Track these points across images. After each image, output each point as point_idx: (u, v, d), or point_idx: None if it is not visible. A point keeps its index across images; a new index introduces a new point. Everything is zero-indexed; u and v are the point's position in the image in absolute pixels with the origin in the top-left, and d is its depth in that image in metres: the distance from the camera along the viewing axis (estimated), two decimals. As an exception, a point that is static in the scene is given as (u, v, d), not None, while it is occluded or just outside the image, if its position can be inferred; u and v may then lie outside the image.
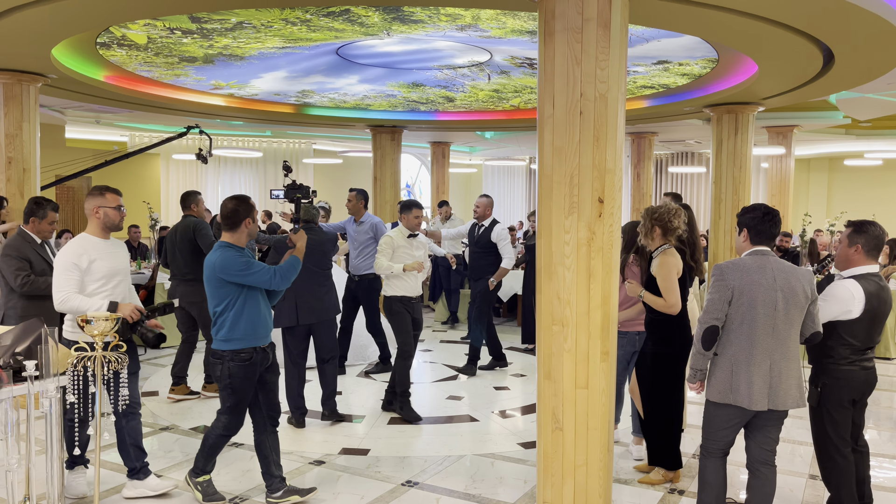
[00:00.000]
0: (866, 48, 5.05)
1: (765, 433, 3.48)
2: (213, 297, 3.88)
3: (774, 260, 3.38)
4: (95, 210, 3.89)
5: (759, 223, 3.42)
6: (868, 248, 3.58)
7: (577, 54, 3.39)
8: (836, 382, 3.61)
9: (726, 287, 3.33)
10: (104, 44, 5.86)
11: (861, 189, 16.68)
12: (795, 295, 3.32)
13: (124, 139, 13.00)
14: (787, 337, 3.34)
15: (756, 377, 3.31)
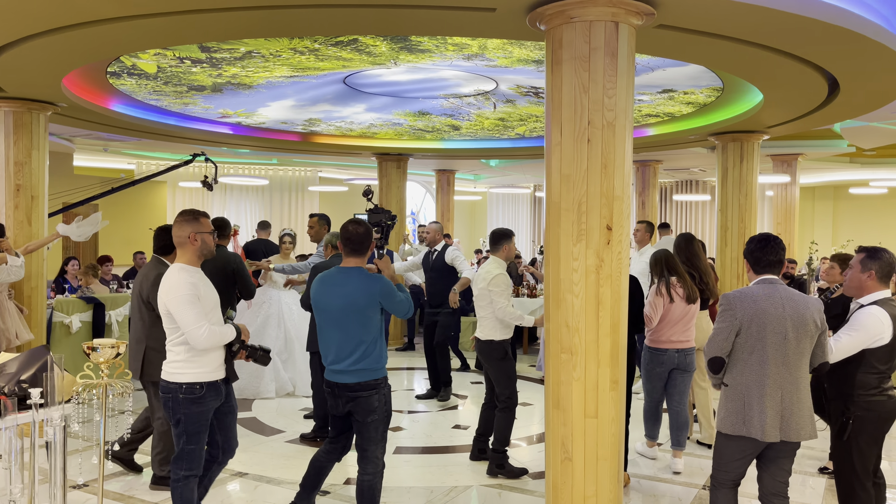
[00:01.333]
0: (871, 77, 5.07)
1: (778, 465, 3.41)
2: (366, 326, 3.59)
3: (783, 289, 3.35)
4: (193, 237, 3.49)
5: (757, 251, 3.41)
6: (881, 275, 3.55)
7: (584, 83, 3.41)
8: (868, 415, 3.52)
9: (734, 317, 3.30)
10: (114, 73, 5.92)
11: (866, 217, 16.66)
12: (805, 324, 3.27)
13: (131, 167, 13.08)
14: (798, 367, 3.29)
15: (768, 408, 3.25)
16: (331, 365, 3.65)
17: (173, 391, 3.43)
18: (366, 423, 3.63)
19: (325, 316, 3.65)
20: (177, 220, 3.55)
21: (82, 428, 5.72)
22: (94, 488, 4.62)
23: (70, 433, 3.52)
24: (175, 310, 3.37)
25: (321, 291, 3.69)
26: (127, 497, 4.54)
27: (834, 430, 3.67)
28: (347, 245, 3.67)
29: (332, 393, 3.68)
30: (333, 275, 3.68)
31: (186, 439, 3.47)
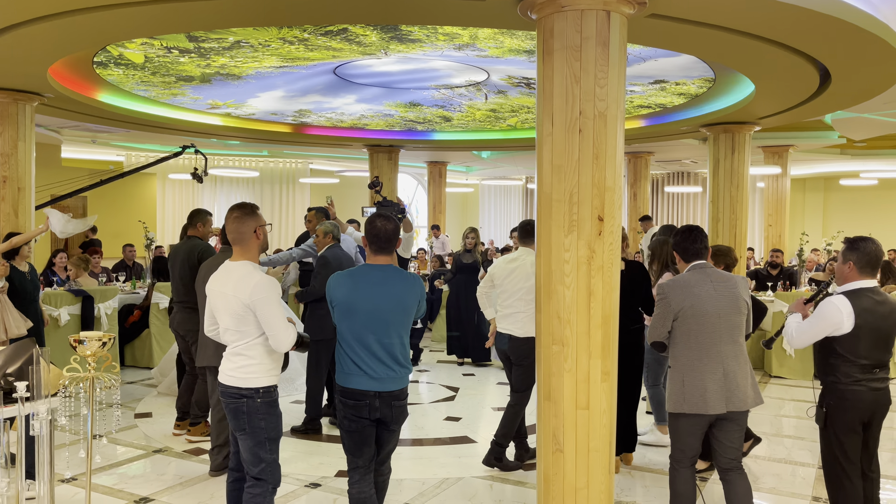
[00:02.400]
0: (863, 67, 5.06)
1: (728, 437, 3.60)
2: (408, 327, 3.40)
3: (713, 272, 3.66)
4: (257, 231, 3.31)
5: (684, 242, 3.75)
6: (861, 265, 3.52)
7: (576, 72, 3.38)
8: (841, 403, 3.54)
9: (669, 305, 3.59)
10: (101, 63, 5.85)
11: (857, 208, 16.73)
12: (736, 302, 3.58)
13: (120, 159, 12.98)
14: (735, 342, 3.58)
15: (710, 383, 3.50)
16: (374, 372, 3.28)
17: (250, 397, 3.21)
18: (397, 431, 3.44)
19: (362, 318, 3.28)
20: (235, 214, 3.31)
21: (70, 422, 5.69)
22: (82, 482, 4.59)
23: (57, 427, 3.48)
24: (265, 311, 3.16)
25: (356, 290, 3.30)
26: (116, 491, 4.51)
27: (817, 418, 3.69)
28: (375, 242, 3.37)
29: (368, 404, 3.27)
30: (369, 273, 3.34)
31: (270, 447, 3.27)
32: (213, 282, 3.34)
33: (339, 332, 3.36)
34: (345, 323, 3.32)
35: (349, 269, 3.48)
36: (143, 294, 8.22)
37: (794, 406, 6.76)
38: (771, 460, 5.23)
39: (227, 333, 3.29)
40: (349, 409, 3.31)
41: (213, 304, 3.34)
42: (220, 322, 3.31)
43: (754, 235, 15.96)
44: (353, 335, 3.30)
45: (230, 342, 3.29)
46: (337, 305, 3.34)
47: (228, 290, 3.23)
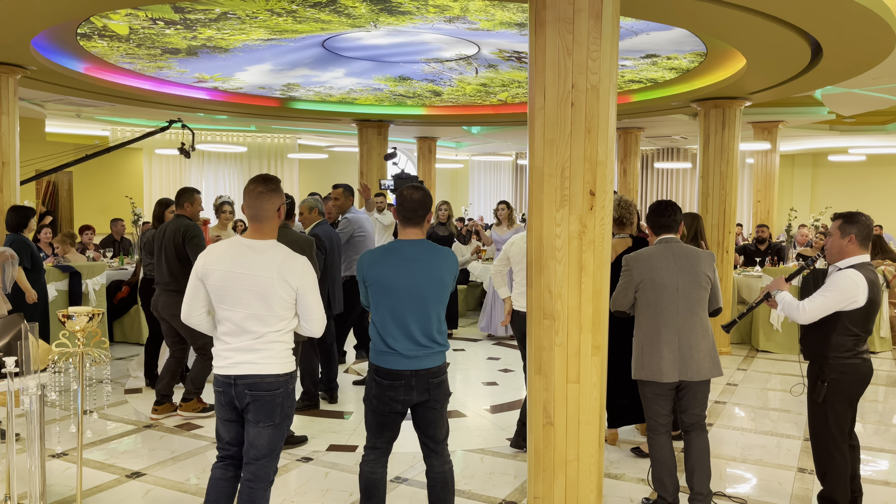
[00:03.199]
0: (854, 41, 5.05)
1: (688, 403, 3.77)
2: (444, 303, 3.27)
3: (677, 246, 3.79)
4: (280, 209, 3.05)
5: (651, 215, 3.88)
6: (861, 238, 3.57)
7: (568, 45, 3.35)
8: (842, 377, 3.58)
9: (631, 276, 3.76)
10: (85, 35, 5.74)
11: (845, 184, 16.82)
12: (696, 276, 3.71)
13: (106, 133, 12.81)
14: (693, 314, 3.70)
15: (665, 353, 3.66)
16: (410, 350, 3.15)
17: (284, 384, 3.02)
18: (440, 410, 3.28)
19: (399, 296, 3.14)
20: (260, 189, 2.97)
21: (60, 397, 5.68)
22: (73, 457, 4.60)
23: (47, 402, 3.47)
24: (311, 295, 2.99)
25: (392, 268, 3.15)
26: (107, 465, 4.52)
27: (810, 392, 3.72)
28: (402, 213, 3.22)
29: (404, 384, 3.16)
30: (403, 249, 3.19)
31: (283, 434, 3.10)
32: (222, 261, 2.96)
33: (374, 311, 3.21)
34: (380, 302, 3.17)
35: (382, 245, 3.30)
36: (131, 270, 8.17)
37: (780, 380, 6.84)
38: (757, 433, 5.30)
39: (249, 320, 2.94)
40: (382, 389, 3.18)
41: (228, 288, 2.94)
42: (238, 307, 2.93)
43: (743, 211, 16.02)
44: (390, 314, 3.15)
45: (250, 329, 2.94)
46: (372, 284, 3.18)
47: (263, 272, 2.91)
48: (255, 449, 3.01)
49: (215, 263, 2.97)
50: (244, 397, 2.97)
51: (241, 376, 2.96)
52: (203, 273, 2.99)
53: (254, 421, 2.99)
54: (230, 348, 2.98)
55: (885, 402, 6.23)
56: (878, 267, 8.00)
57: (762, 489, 4.29)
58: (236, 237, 3.04)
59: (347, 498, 4.08)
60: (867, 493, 4.07)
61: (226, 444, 3.14)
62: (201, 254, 3.04)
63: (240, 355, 2.96)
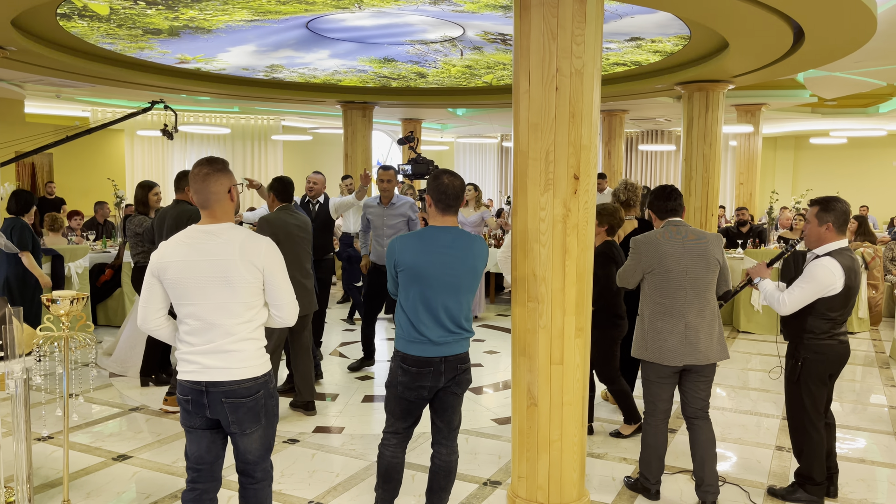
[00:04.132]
0: (835, 25, 5.09)
1: (695, 388, 3.75)
2: (474, 289, 3.26)
3: (685, 228, 3.75)
4: (231, 190, 2.80)
5: (657, 200, 3.86)
6: (838, 224, 3.63)
7: (552, 29, 3.35)
8: (816, 357, 3.68)
9: (639, 260, 3.74)
10: (64, 15, 5.66)
11: (826, 166, 16.99)
12: (706, 259, 3.66)
13: (86, 114, 12.66)
14: (701, 297, 3.65)
15: (670, 337, 3.64)
16: (440, 337, 3.14)
17: (264, 385, 2.75)
18: (461, 397, 3.31)
19: (431, 284, 3.11)
20: (205, 171, 2.71)
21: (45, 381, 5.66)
22: (59, 440, 4.60)
23: (33, 386, 3.47)
24: (278, 277, 2.73)
25: (426, 255, 3.12)
26: (93, 448, 4.53)
27: (787, 372, 3.80)
28: (443, 200, 3.16)
29: (433, 370, 3.15)
30: (438, 236, 3.15)
31: (273, 431, 2.87)
32: (178, 251, 2.68)
33: (404, 298, 3.17)
34: (411, 288, 3.13)
35: (415, 231, 3.25)
36: (114, 253, 8.11)
37: (760, 360, 6.96)
38: (737, 412, 5.40)
39: (215, 312, 2.65)
40: (410, 377, 3.15)
41: (188, 279, 2.65)
42: (201, 299, 2.65)
43: (726, 194, 16.15)
44: (422, 301, 3.12)
45: (216, 322, 2.65)
46: (404, 270, 3.13)
47: (224, 255, 2.65)
48: (248, 454, 2.79)
49: (171, 255, 2.68)
50: (219, 406, 2.68)
51: (213, 383, 2.66)
52: (158, 269, 2.69)
53: (240, 431, 2.73)
54: (197, 351, 2.67)
55: (862, 381, 6.35)
56: (857, 249, 8.12)
57: (741, 467, 4.38)
58: (191, 226, 2.77)
59: (334, 479, 4.12)
60: (843, 471, 4.18)
61: (196, 459, 2.80)
62: (154, 251, 2.74)
63: (209, 358, 2.66)
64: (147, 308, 2.75)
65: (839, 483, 4.01)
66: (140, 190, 5.93)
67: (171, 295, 2.71)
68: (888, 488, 4.12)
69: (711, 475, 3.72)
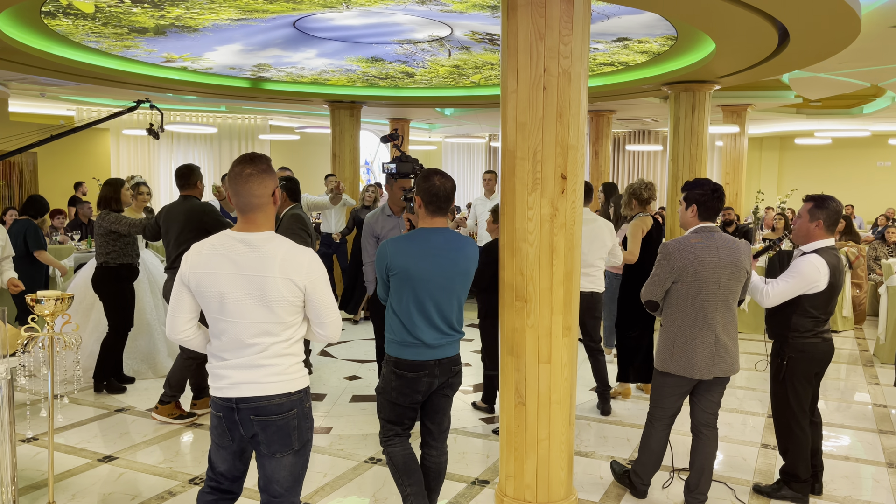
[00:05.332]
0: (820, 27, 5.13)
1: (708, 398, 3.66)
2: (466, 290, 3.23)
3: (719, 236, 3.54)
4: (275, 193, 2.54)
5: (709, 200, 3.57)
6: (828, 224, 3.66)
7: (540, 29, 3.36)
8: (801, 356, 3.70)
9: (671, 267, 3.50)
10: (49, 13, 5.61)
11: (811, 167, 17.13)
12: (738, 270, 3.50)
13: (71, 113, 12.55)
14: (729, 309, 3.54)
15: (699, 349, 3.50)
16: (435, 340, 3.10)
17: (298, 403, 2.53)
18: (451, 399, 3.31)
19: (425, 287, 3.06)
20: (249, 171, 2.45)
21: (29, 382, 5.61)
22: (44, 441, 4.56)
23: (17, 387, 3.44)
24: (323, 294, 2.50)
25: (419, 258, 3.05)
26: (79, 450, 4.49)
27: (772, 370, 3.83)
28: (434, 202, 3.10)
29: (427, 374, 3.11)
30: (430, 238, 3.10)
31: (305, 461, 2.62)
32: (211, 262, 2.45)
33: (396, 301, 3.10)
34: (404, 292, 3.07)
35: (407, 234, 3.16)
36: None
37: (745, 358, 7.00)
38: (723, 410, 5.40)
39: (250, 332, 2.43)
40: (404, 381, 3.11)
41: (222, 294, 2.43)
42: (236, 318, 2.43)
43: (712, 193, 16.22)
44: (414, 305, 3.07)
45: (251, 342, 2.44)
46: (397, 274, 3.06)
47: (263, 272, 2.41)
48: (275, 484, 2.54)
49: (204, 265, 2.46)
50: (250, 424, 2.48)
51: (243, 399, 2.46)
52: (189, 278, 2.48)
53: (268, 452, 2.51)
54: (228, 365, 2.48)
55: (846, 379, 6.42)
56: (842, 248, 8.20)
57: (727, 465, 4.41)
58: (226, 231, 2.52)
59: (321, 479, 4.11)
60: (828, 468, 4.22)
61: (218, 474, 2.64)
62: (185, 255, 2.54)
63: (240, 373, 2.46)
64: (176, 318, 2.55)
65: (824, 480, 4.04)
66: (108, 187, 5.61)
67: (204, 307, 2.50)
68: (872, 485, 4.17)
69: (706, 484, 3.68)
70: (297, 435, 2.53)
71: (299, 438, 2.53)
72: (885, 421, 5.25)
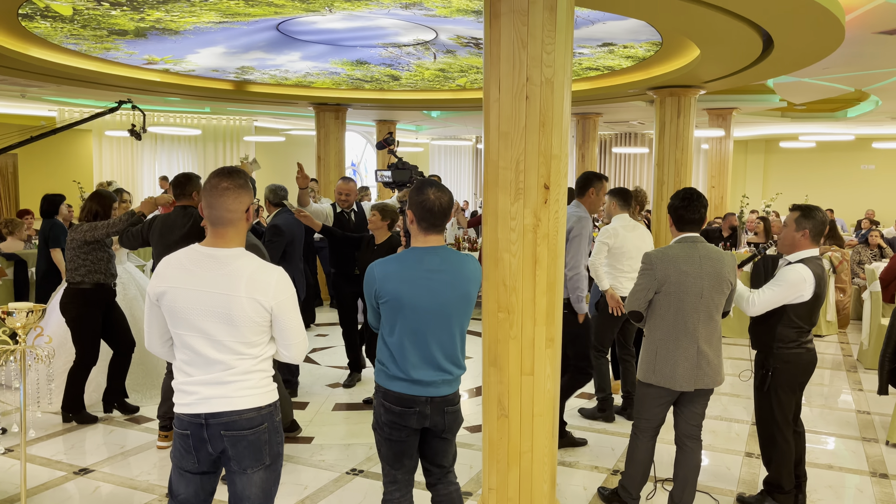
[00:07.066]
0: (804, 34, 5.13)
1: (692, 409, 3.63)
2: (467, 317, 2.86)
3: (703, 247, 3.49)
4: (249, 210, 2.48)
5: (681, 209, 3.53)
6: (814, 234, 3.65)
7: (523, 37, 3.32)
8: (786, 366, 3.69)
9: (653, 277, 3.46)
10: (27, 15, 5.51)
11: (795, 170, 17.23)
12: (721, 282, 3.45)
13: (52, 114, 12.39)
14: (711, 320, 3.49)
15: (682, 360, 3.45)
16: (428, 376, 2.76)
17: (269, 417, 2.47)
18: (452, 440, 2.94)
19: (419, 315, 2.72)
20: (225, 185, 2.39)
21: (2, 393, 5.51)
22: (17, 454, 4.47)
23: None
24: (290, 315, 2.44)
25: (411, 282, 2.72)
26: (54, 462, 4.41)
27: (756, 381, 3.82)
28: (427, 218, 2.74)
29: (417, 412, 2.77)
30: (423, 258, 2.75)
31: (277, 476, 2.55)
32: (177, 276, 2.39)
33: (388, 331, 2.78)
34: (397, 322, 2.73)
35: (396, 255, 2.83)
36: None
37: (730, 364, 7.00)
38: (707, 416, 5.41)
39: (215, 349, 2.38)
40: (393, 416, 2.78)
41: (186, 310, 2.37)
42: (199, 335, 2.38)
43: (698, 196, 16.27)
44: (409, 337, 2.73)
45: (217, 359, 2.38)
46: (387, 301, 2.72)
47: (228, 290, 2.35)
48: (246, 501, 2.47)
49: (170, 280, 2.40)
50: (219, 440, 2.40)
51: (213, 414, 2.38)
52: (156, 293, 2.41)
53: (239, 469, 2.44)
54: (196, 381, 2.41)
55: (830, 385, 6.42)
56: (825, 253, 8.22)
57: (711, 474, 4.39)
58: (194, 245, 2.46)
59: (302, 491, 4.05)
60: (812, 477, 4.21)
61: (184, 500, 2.52)
62: (155, 269, 2.47)
63: (209, 389, 2.40)
64: (150, 333, 2.51)
65: (807, 490, 4.03)
66: (96, 202, 5.07)
67: (169, 321, 2.43)
68: (855, 494, 4.16)
69: (689, 497, 3.64)
70: (268, 449, 2.47)
71: (270, 453, 2.47)
72: (869, 428, 5.26)
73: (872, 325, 6.87)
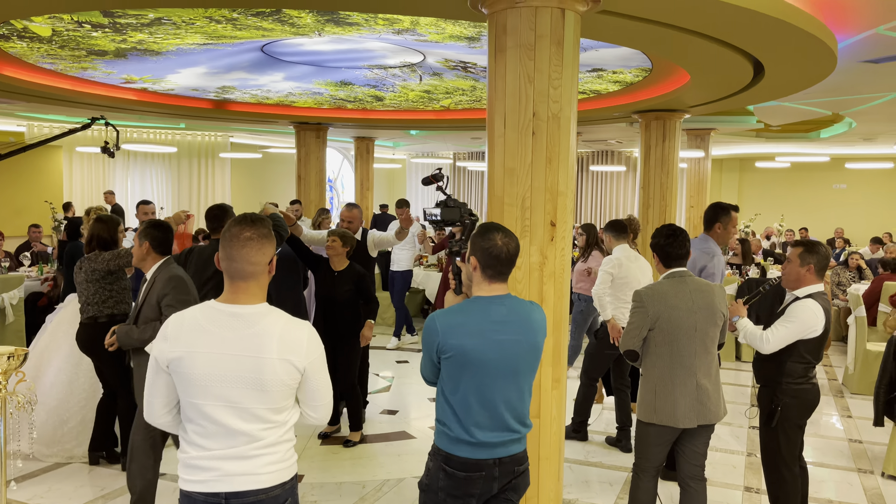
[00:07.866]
0: (795, 63, 5.15)
1: (693, 448, 3.53)
2: (535, 370, 2.62)
3: (692, 281, 3.45)
4: (272, 261, 2.25)
5: (666, 246, 3.47)
6: (818, 268, 3.63)
7: (529, 72, 3.25)
8: (794, 402, 3.65)
9: (646, 314, 3.38)
10: (3, 35, 5.31)
11: (770, 189, 17.47)
12: (714, 314, 3.40)
13: (21, 129, 12.05)
14: (708, 353, 3.43)
15: (681, 397, 3.38)
16: (495, 437, 2.50)
17: (291, 492, 2.24)
18: (515, 502, 2.66)
19: (487, 371, 2.47)
20: (248, 235, 2.16)
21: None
22: (-8, 499, 4.24)
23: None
24: (321, 375, 2.23)
25: (479, 336, 2.46)
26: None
27: (763, 416, 3.76)
28: (495, 265, 2.50)
29: (485, 475, 2.50)
30: (490, 309, 2.51)
31: None
32: (196, 339, 2.12)
33: (451, 389, 2.51)
34: (462, 379, 2.48)
35: (458, 304, 2.57)
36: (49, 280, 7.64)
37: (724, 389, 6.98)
38: (702, 448, 5.36)
39: (239, 418, 2.12)
40: (456, 483, 2.50)
41: (208, 377, 2.11)
42: (223, 404, 2.11)
43: (680, 216, 16.41)
44: (476, 395, 2.48)
45: (240, 430, 2.13)
46: (451, 356, 2.46)
47: (258, 352, 2.11)
48: None
49: (186, 344, 2.12)
50: None
51: (236, 493, 2.13)
52: (168, 359, 2.14)
53: None
54: (214, 456, 2.14)
55: (818, 411, 6.40)
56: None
57: (712, 510, 4.33)
58: (210, 303, 2.19)
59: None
60: (812, 513, 4.16)
61: None
62: (161, 329, 2.20)
63: (231, 464, 2.13)
64: (152, 402, 2.22)
65: (810, 527, 3.98)
66: (102, 225, 4.63)
67: (181, 389, 2.15)
68: (857, 530, 4.12)
69: None
70: None
71: None
72: (863, 459, 5.25)
73: (858, 351, 6.91)
